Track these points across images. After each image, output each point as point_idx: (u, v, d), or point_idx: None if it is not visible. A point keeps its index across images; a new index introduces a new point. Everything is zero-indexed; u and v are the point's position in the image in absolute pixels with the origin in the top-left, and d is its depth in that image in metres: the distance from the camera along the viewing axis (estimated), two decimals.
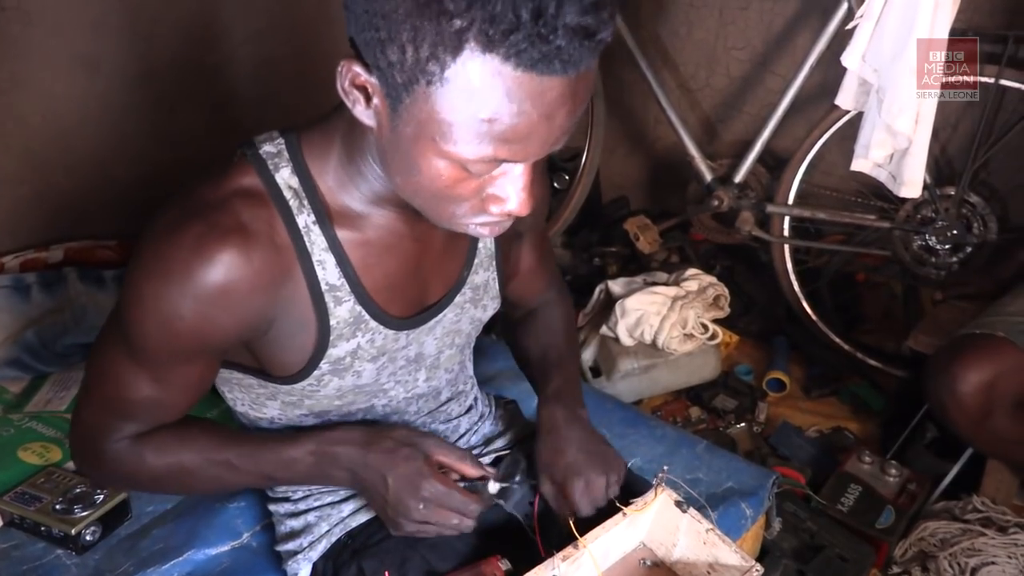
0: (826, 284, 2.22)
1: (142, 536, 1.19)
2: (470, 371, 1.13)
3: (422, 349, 0.96)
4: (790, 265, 2.12)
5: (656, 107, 2.27)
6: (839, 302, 2.23)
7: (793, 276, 2.12)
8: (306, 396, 0.90)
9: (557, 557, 0.85)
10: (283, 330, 0.83)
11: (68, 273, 1.71)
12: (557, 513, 0.94)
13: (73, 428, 0.91)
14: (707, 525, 0.91)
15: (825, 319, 2.13)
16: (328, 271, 0.82)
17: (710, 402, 1.97)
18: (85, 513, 1.17)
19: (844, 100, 1.81)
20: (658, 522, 0.95)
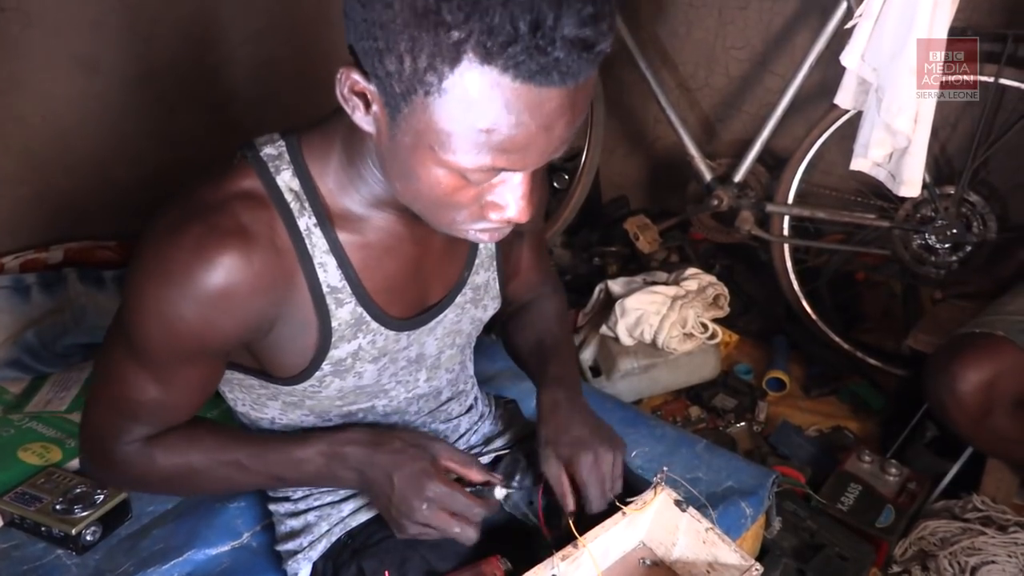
0: (826, 283, 2.22)
1: (142, 536, 1.19)
2: (470, 371, 1.13)
3: (423, 350, 0.96)
4: (790, 264, 2.12)
5: (655, 107, 2.27)
6: (839, 301, 2.23)
7: (793, 275, 2.12)
8: (307, 397, 0.90)
9: (556, 556, 0.85)
10: (284, 332, 0.83)
11: (68, 273, 1.71)
12: (558, 497, 0.93)
13: (82, 431, 0.91)
14: (706, 524, 0.91)
15: (825, 318, 2.13)
16: (329, 273, 0.82)
17: (710, 401, 1.97)
18: (85, 513, 1.17)
19: (843, 99, 1.81)
20: (658, 521, 0.95)
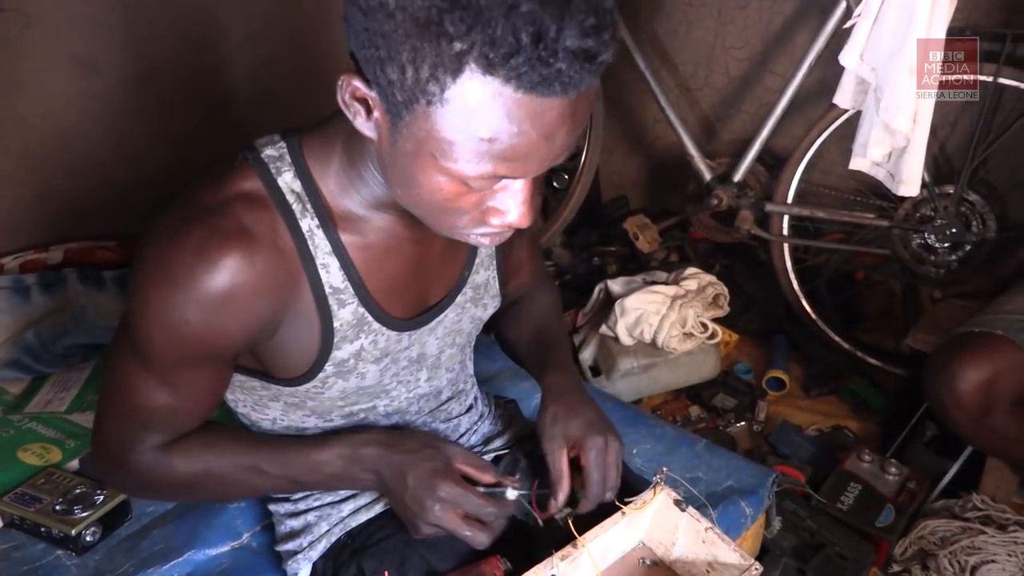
0: (825, 283, 2.22)
1: (142, 537, 1.19)
2: (470, 370, 1.13)
3: (424, 349, 0.96)
4: (789, 264, 2.12)
5: (655, 106, 2.27)
6: (838, 301, 2.23)
7: (792, 275, 2.12)
8: (309, 398, 0.90)
9: (556, 556, 0.85)
10: (288, 333, 0.83)
11: (68, 274, 1.72)
12: (553, 476, 0.93)
13: (96, 441, 0.90)
14: (706, 524, 0.91)
15: (824, 318, 2.13)
16: (332, 274, 0.82)
17: (710, 401, 1.97)
18: (85, 514, 1.17)
19: (842, 99, 1.81)
20: (657, 521, 0.95)
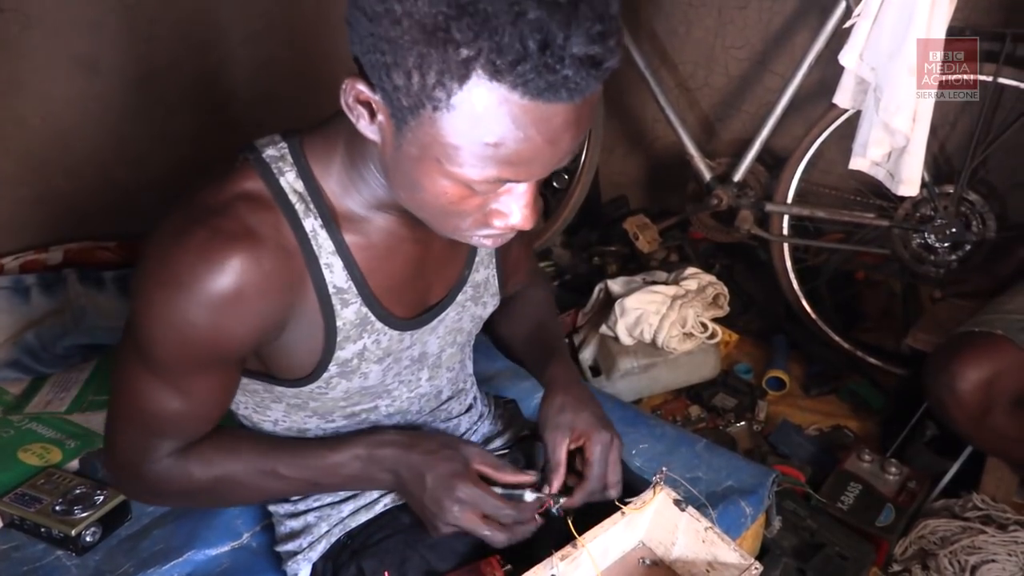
0: (825, 282, 2.22)
1: (142, 537, 1.19)
2: (470, 369, 1.13)
3: (425, 348, 0.96)
4: (789, 263, 2.12)
5: (655, 106, 2.27)
6: (838, 300, 2.23)
7: (792, 274, 2.12)
8: (312, 399, 0.90)
9: (556, 556, 0.85)
10: (293, 334, 0.83)
11: (68, 274, 1.72)
12: (551, 463, 0.93)
13: (109, 453, 0.89)
14: (706, 523, 0.91)
15: (824, 317, 2.13)
16: (335, 274, 0.82)
17: (710, 401, 1.97)
18: (85, 514, 1.17)
19: (842, 99, 1.81)
20: (657, 521, 0.95)
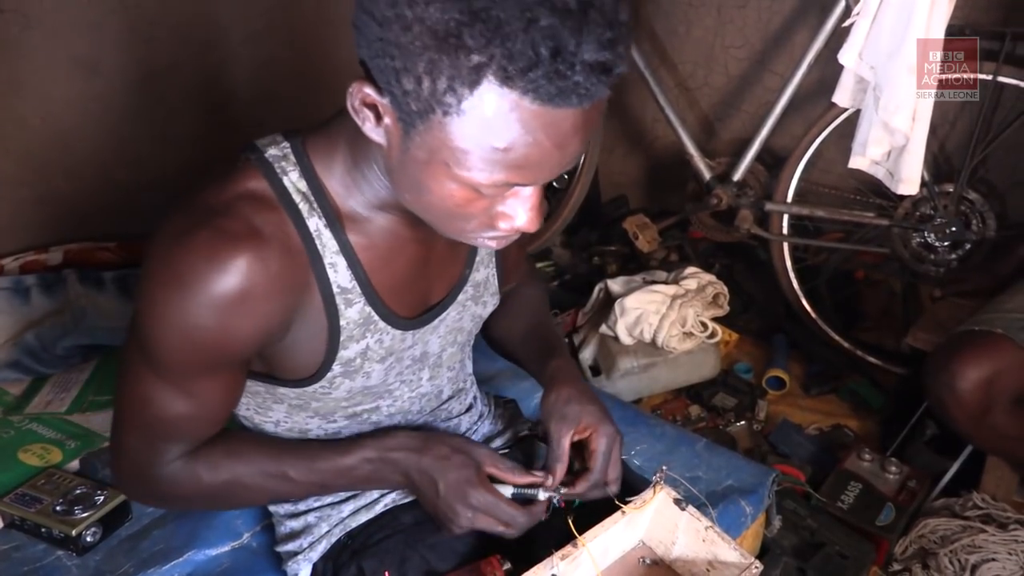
0: (825, 282, 2.22)
1: (142, 537, 1.19)
2: (469, 369, 1.13)
3: (427, 348, 0.96)
4: (789, 263, 2.12)
5: (654, 106, 2.27)
6: (838, 300, 2.23)
7: (792, 274, 2.12)
8: (315, 399, 0.90)
9: (556, 556, 0.85)
10: (298, 334, 0.83)
11: (68, 275, 1.72)
12: (552, 455, 0.93)
13: (116, 458, 0.89)
14: (706, 523, 0.91)
15: (824, 317, 2.13)
16: (340, 274, 0.82)
17: (710, 400, 1.97)
18: (85, 514, 1.17)
19: (841, 98, 1.81)
20: (657, 520, 0.95)
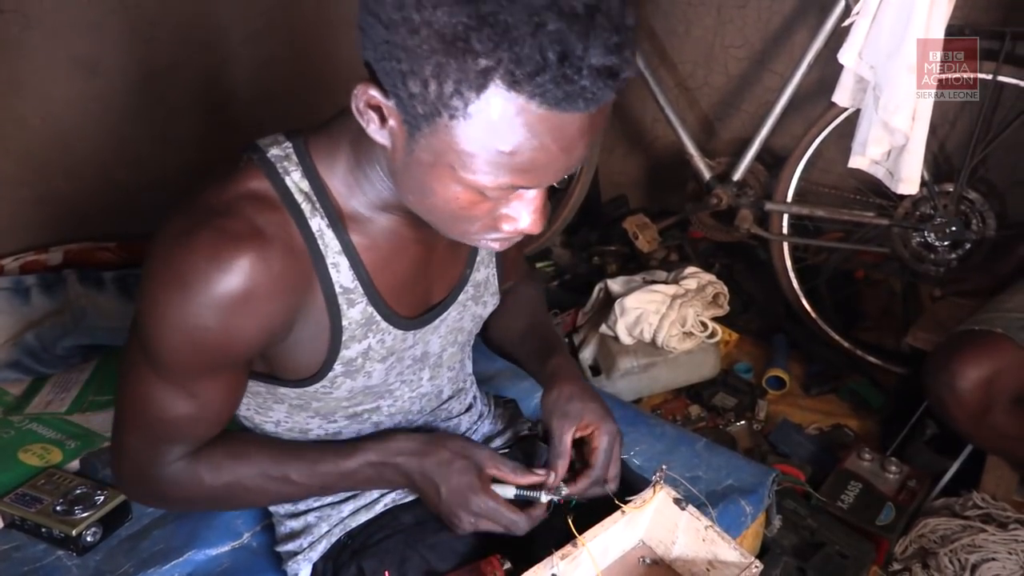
0: (825, 281, 2.22)
1: (142, 537, 1.19)
2: (469, 369, 1.13)
3: (427, 348, 0.96)
4: (789, 263, 2.12)
5: (654, 106, 2.27)
6: (838, 299, 2.23)
7: (792, 274, 2.12)
8: (316, 399, 0.90)
9: (556, 555, 0.85)
10: (300, 334, 0.83)
11: (68, 275, 1.72)
12: (554, 451, 0.94)
13: (118, 459, 0.89)
14: (706, 522, 0.91)
15: (824, 316, 2.13)
16: (342, 274, 0.82)
17: (710, 400, 1.97)
18: (86, 514, 1.17)
19: (841, 97, 1.81)
20: (657, 520, 0.95)
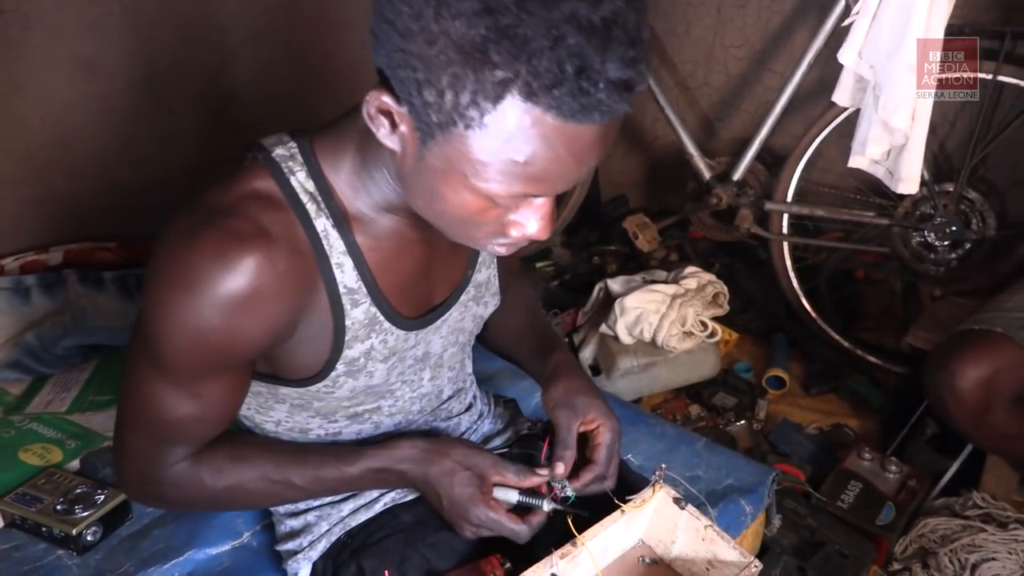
0: (825, 281, 2.22)
1: (143, 536, 1.19)
2: (469, 368, 1.13)
3: (429, 348, 0.96)
4: (789, 262, 2.12)
5: (654, 105, 2.27)
6: (838, 299, 2.23)
7: (792, 273, 2.12)
8: (318, 399, 0.90)
9: (556, 555, 0.85)
10: (304, 334, 0.83)
11: (68, 275, 1.72)
12: (558, 445, 0.94)
13: (121, 460, 0.89)
14: (705, 522, 0.91)
15: (824, 316, 2.13)
16: (346, 274, 0.82)
17: (710, 400, 1.97)
18: (86, 514, 1.17)
19: (841, 97, 1.81)
20: (656, 519, 0.95)
